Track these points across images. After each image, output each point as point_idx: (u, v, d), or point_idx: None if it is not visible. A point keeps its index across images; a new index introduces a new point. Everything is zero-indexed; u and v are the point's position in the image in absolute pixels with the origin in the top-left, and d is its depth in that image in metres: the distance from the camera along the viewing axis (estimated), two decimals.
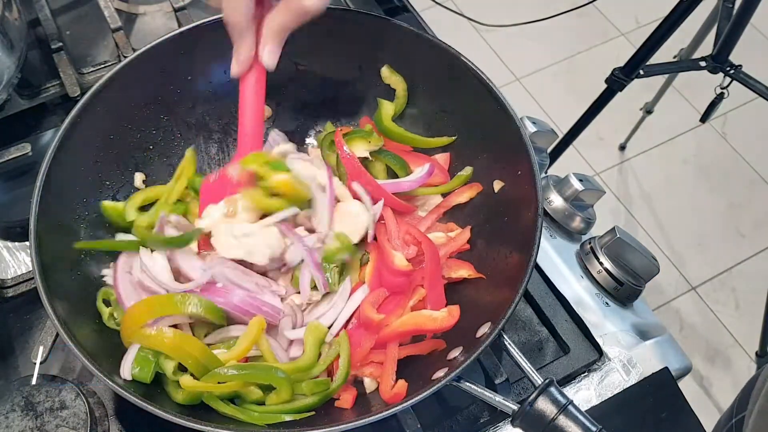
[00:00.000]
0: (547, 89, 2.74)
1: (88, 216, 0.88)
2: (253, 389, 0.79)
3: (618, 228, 0.99)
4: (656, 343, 0.95)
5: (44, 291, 0.75)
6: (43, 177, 0.81)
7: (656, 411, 0.88)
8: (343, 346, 0.80)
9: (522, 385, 0.90)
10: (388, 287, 0.85)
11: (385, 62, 0.97)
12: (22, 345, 0.89)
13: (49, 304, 0.74)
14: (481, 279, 0.86)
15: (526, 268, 0.76)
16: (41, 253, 0.78)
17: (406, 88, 0.97)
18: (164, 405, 0.71)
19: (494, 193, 0.90)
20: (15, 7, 1.03)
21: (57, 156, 0.83)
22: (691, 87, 2.64)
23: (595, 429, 0.68)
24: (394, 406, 0.71)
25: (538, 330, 0.94)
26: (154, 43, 0.91)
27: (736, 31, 1.68)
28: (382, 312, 0.83)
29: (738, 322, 2.27)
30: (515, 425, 0.71)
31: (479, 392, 0.73)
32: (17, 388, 0.77)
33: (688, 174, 2.58)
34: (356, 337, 0.82)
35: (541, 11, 1.94)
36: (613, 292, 0.98)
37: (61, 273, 0.81)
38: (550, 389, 0.70)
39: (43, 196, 0.81)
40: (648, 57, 1.72)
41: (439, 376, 0.74)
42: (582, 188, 1.01)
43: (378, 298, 0.84)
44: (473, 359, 0.72)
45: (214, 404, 0.77)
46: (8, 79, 1.00)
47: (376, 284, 0.86)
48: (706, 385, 2.16)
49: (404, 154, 0.95)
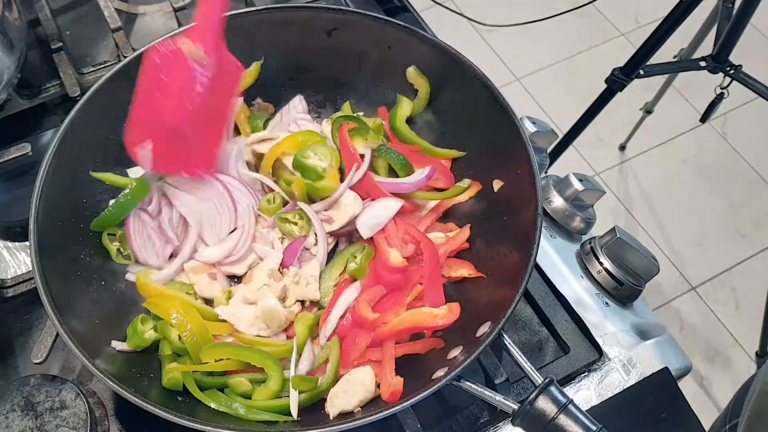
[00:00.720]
0: (547, 89, 2.74)
1: (88, 215, 0.88)
2: (241, 381, 0.80)
3: (618, 228, 0.99)
4: (656, 343, 0.94)
5: (43, 290, 0.75)
6: (43, 177, 0.81)
7: (656, 411, 0.88)
8: (333, 351, 0.81)
9: (522, 385, 0.89)
10: (384, 284, 0.85)
11: (385, 62, 0.97)
12: (22, 345, 0.89)
13: (48, 303, 0.74)
14: (481, 278, 0.86)
15: (526, 268, 0.76)
16: (41, 253, 0.78)
17: (429, 91, 0.97)
18: (162, 403, 0.71)
19: (494, 192, 0.90)
20: (15, 7, 1.03)
21: (56, 156, 0.83)
22: (691, 87, 2.64)
23: (595, 428, 0.68)
24: (394, 406, 0.71)
25: (538, 330, 0.94)
26: (153, 43, 0.91)
27: (736, 31, 1.68)
28: (378, 310, 0.83)
29: (738, 322, 2.27)
30: (516, 424, 0.71)
31: (479, 392, 0.73)
32: (17, 388, 0.77)
33: (688, 174, 2.58)
34: (352, 335, 0.83)
35: (541, 11, 1.94)
36: (613, 292, 0.98)
37: (61, 272, 0.81)
38: (551, 388, 0.70)
39: (42, 196, 0.81)
40: (648, 57, 1.71)
41: (439, 376, 0.74)
42: (582, 188, 1.01)
43: (374, 296, 0.84)
44: (473, 358, 0.72)
45: (198, 395, 0.78)
46: (8, 79, 1.00)
47: (372, 282, 0.86)
48: (706, 385, 2.16)
49: (409, 153, 0.95)
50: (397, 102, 0.98)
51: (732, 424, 1.00)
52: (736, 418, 0.99)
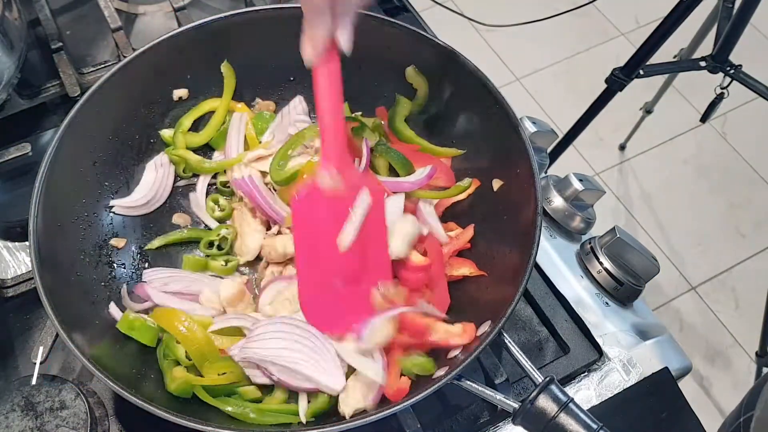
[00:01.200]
0: (547, 89, 2.74)
1: (87, 216, 0.88)
2: (251, 389, 0.79)
3: (618, 228, 0.99)
4: (656, 342, 0.94)
5: (43, 290, 0.75)
6: (43, 177, 0.81)
7: (656, 411, 0.88)
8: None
9: (522, 384, 0.89)
10: (405, 285, 0.85)
11: (384, 62, 0.97)
12: (22, 345, 0.89)
13: (48, 303, 0.74)
14: (482, 277, 0.86)
15: (526, 267, 0.76)
16: (41, 253, 0.78)
17: (427, 91, 0.97)
18: (163, 404, 0.71)
19: (493, 192, 0.90)
20: (15, 7, 1.03)
21: (56, 156, 0.83)
22: (691, 87, 2.64)
23: (595, 427, 0.68)
24: (394, 406, 0.71)
25: (538, 330, 0.94)
26: (153, 43, 0.91)
27: (736, 31, 1.68)
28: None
29: (738, 321, 2.27)
30: (516, 423, 0.71)
31: (480, 391, 0.73)
32: (17, 388, 0.77)
33: (688, 174, 2.58)
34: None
35: (541, 11, 1.94)
36: (613, 292, 0.98)
37: (61, 273, 0.81)
38: (551, 387, 0.70)
39: (42, 197, 0.81)
40: (648, 57, 1.71)
41: (439, 375, 0.74)
42: (582, 188, 1.01)
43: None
44: (473, 358, 0.72)
45: (208, 400, 0.78)
46: (8, 79, 1.00)
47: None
48: (706, 385, 2.16)
49: (409, 153, 0.95)
50: (395, 102, 0.98)
51: (747, 416, 1.00)
52: (751, 411, 0.99)
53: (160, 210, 0.96)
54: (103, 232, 0.90)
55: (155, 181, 0.95)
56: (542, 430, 0.69)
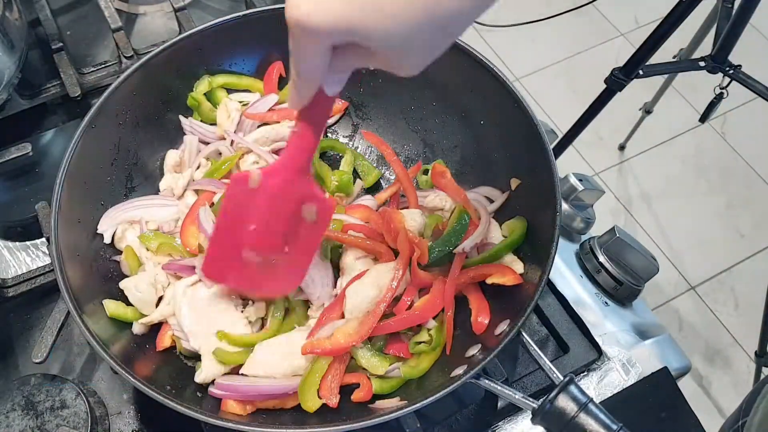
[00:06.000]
0: (547, 89, 2.74)
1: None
2: None
3: (617, 228, 0.99)
4: (655, 342, 0.95)
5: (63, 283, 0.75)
6: (64, 171, 0.81)
7: (656, 410, 0.88)
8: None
9: (522, 384, 0.90)
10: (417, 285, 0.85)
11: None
12: (22, 345, 0.90)
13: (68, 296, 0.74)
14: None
15: (546, 264, 0.77)
16: (59, 248, 0.78)
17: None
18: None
19: (511, 190, 0.90)
20: (15, 7, 1.03)
21: (78, 150, 0.83)
22: (691, 87, 2.64)
23: (615, 427, 0.67)
24: (413, 404, 0.71)
25: (538, 330, 0.95)
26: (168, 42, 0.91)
27: (736, 31, 1.68)
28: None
29: (737, 321, 2.27)
30: (535, 423, 0.71)
31: (499, 389, 0.73)
32: (17, 388, 0.77)
33: (688, 174, 2.58)
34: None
35: (540, 11, 1.94)
36: (613, 292, 0.98)
37: (78, 268, 0.81)
38: (570, 387, 0.70)
39: (62, 193, 0.81)
40: (648, 57, 1.71)
41: (458, 374, 0.74)
42: (582, 188, 1.01)
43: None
44: (493, 356, 0.72)
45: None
46: (9, 79, 1.00)
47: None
48: (705, 384, 2.16)
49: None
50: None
51: (743, 421, 1.00)
52: (747, 416, 0.99)
53: None
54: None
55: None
56: (562, 429, 0.69)
